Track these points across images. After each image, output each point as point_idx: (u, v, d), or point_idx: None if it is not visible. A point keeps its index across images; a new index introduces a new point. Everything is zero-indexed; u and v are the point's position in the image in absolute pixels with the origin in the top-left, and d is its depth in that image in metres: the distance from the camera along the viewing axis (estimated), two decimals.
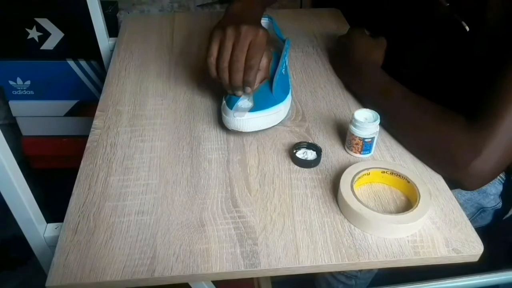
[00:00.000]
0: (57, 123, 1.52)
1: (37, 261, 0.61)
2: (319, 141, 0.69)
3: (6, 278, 1.30)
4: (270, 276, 1.03)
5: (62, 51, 1.37)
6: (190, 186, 0.62)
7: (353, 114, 0.64)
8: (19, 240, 0.61)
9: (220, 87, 0.71)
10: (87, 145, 0.68)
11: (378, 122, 0.64)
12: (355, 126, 0.64)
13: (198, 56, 0.91)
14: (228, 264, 0.52)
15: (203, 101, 0.79)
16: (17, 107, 1.47)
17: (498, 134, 0.57)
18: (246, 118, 0.67)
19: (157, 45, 0.96)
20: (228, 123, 0.68)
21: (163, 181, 0.62)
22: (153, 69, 0.87)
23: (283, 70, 0.75)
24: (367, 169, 0.61)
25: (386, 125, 0.69)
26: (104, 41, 1.03)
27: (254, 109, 0.67)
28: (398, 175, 0.60)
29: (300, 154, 0.66)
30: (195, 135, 0.71)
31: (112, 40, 1.03)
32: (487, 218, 0.80)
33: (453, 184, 0.62)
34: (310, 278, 1.00)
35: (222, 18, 0.73)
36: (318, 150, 0.66)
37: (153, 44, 0.96)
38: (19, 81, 1.41)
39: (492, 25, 0.63)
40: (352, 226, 0.56)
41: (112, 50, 0.98)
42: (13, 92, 1.43)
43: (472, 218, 0.78)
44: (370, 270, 0.87)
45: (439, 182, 0.63)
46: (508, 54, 0.59)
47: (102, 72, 1.39)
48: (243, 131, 0.68)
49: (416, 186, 0.58)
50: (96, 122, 0.73)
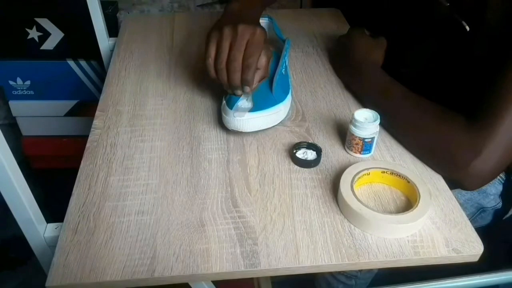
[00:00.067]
0: (57, 123, 1.52)
1: (37, 261, 0.61)
2: (319, 141, 0.69)
3: (6, 278, 1.30)
4: (270, 276, 1.03)
5: (62, 51, 1.37)
6: (190, 186, 0.62)
7: (353, 114, 0.64)
8: (19, 240, 0.61)
9: (220, 87, 0.71)
10: (87, 145, 0.68)
11: (378, 122, 0.64)
12: (355, 126, 0.64)
13: (198, 56, 0.91)
14: (228, 264, 0.52)
15: (203, 101, 0.79)
16: (17, 107, 1.47)
17: (498, 134, 0.57)
18: (246, 118, 0.67)
19: (157, 45, 0.96)
20: (228, 123, 0.68)
21: (163, 181, 0.62)
22: (153, 69, 0.87)
23: (283, 70, 0.75)
24: (367, 169, 0.61)
25: (386, 125, 0.69)
26: (104, 41, 1.03)
27: (254, 109, 0.67)
28: (398, 175, 0.60)
29: (300, 154, 0.66)
30: (195, 135, 0.71)
31: (112, 40, 1.03)
32: (487, 218, 0.80)
33: (453, 184, 0.62)
34: (310, 278, 1.00)
35: (220, 18, 0.73)
36: (318, 150, 0.66)
37: (153, 44, 0.96)
38: (19, 81, 1.41)
39: (492, 25, 0.63)
40: (352, 226, 0.56)
41: (112, 50, 0.98)
42: (13, 92, 1.43)
43: (472, 218, 0.78)
44: (370, 270, 0.87)
45: (439, 182, 0.63)
46: (508, 54, 0.59)
47: (102, 72, 1.39)
48: (243, 131, 0.68)
49: (416, 186, 0.58)
50: (96, 122, 0.73)
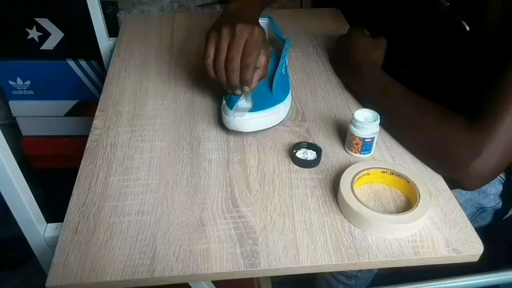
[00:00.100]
0: (57, 123, 1.52)
1: (37, 261, 0.61)
2: (319, 141, 0.69)
3: (6, 278, 1.30)
4: (270, 276, 1.03)
5: (62, 51, 1.37)
6: (190, 186, 0.62)
7: (353, 114, 0.64)
8: (19, 240, 0.61)
9: (220, 87, 0.71)
10: (87, 145, 0.68)
11: (378, 122, 0.64)
12: (355, 126, 0.64)
13: (198, 56, 0.90)
14: (228, 264, 0.52)
15: (203, 101, 0.79)
16: (17, 107, 1.47)
17: (498, 134, 0.57)
18: (246, 118, 0.67)
19: (157, 45, 0.96)
20: (228, 123, 0.68)
21: (163, 181, 0.62)
22: (153, 69, 0.87)
23: (283, 70, 0.75)
24: (367, 169, 0.61)
25: (386, 125, 0.69)
26: (104, 41, 1.03)
27: (254, 109, 0.67)
28: (398, 175, 0.60)
29: (300, 154, 0.66)
30: (195, 135, 0.71)
31: (112, 40, 1.03)
32: (487, 218, 0.80)
33: (453, 184, 0.62)
34: (310, 278, 1.00)
35: (219, 18, 0.72)
36: (318, 150, 0.66)
37: (153, 44, 0.96)
38: (19, 81, 1.41)
39: (492, 25, 0.63)
40: (352, 226, 0.56)
41: (112, 50, 0.98)
42: (13, 92, 1.43)
43: (472, 218, 0.78)
44: (370, 270, 0.87)
45: (439, 182, 0.63)
46: (508, 54, 0.59)
47: (102, 72, 1.39)
48: (243, 131, 0.68)
49: (416, 186, 0.58)
50: (96, 122, 0.73)
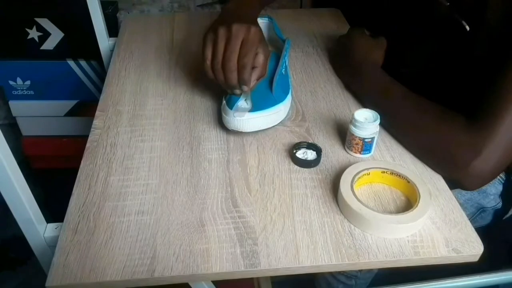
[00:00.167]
0: (57, 123, 1.52)
1: (37, 261, 0.61)
2: (319, 141, 0.69)
3: (6, 278, 1.30)
4: (270, 276, 1.03)
5: (62, 51, 1.37)
6: (190, 186, 0.62)
7: (353, 114, 0.64)
8: (19, 240, 0.61)
9: (220, 87, 0.71)
10: (87, 145, 0.68)
11: (378, 122, 0.64)
12: (355, 126, 0.64)
13: (198, 56, 0.90)
14: (228, 264, 0.52)
15: (203, 101, 0.79)
16: (17, 107, 1.47)
17: (498, 134, 0.57)
18: (246, 118, 0.67)
19: (157, 45, 0.96)
20: (228, 123, 0.68)
21: (163, 181, 0.62)
22: (153, 69, 0.87)
23: (283, 70, 0.75)
24: (367, 169, 0.61)
25: (386, 125, 0.69)
26: (104, 41, 1.03)
27: (254, 109, 0.67)
28: (398, 175, 0.60)
29: (300, 154, 0.66)
30: (195, 135, 0.71)
31: (112, 40, 1.03)
32: (487, 218, 0.80)
33: (453, 184, 0.62)
34: (310, 278, 1.00)
35: (217, 18, 0.72)
36: (318, 150, 0.66)
37: (153, 44, 0.96)
38: (19, 81, 1.41)
39: (492, 25, 0.63)
40: (352, 226, 0.56)
41: (112, 50, 0.98)
42: (13, 92, 1.43)
43: (472, 218, 0.78)
44: (370, 270, 0.87)
45: (439, 182, 0.63)
46: (508, 54, 0.59)
47: (102, 72, 1.39)
48: (243, 131, 0.68)
49: (416, 186, 0.58)
50: (96, 122, 0.73)
